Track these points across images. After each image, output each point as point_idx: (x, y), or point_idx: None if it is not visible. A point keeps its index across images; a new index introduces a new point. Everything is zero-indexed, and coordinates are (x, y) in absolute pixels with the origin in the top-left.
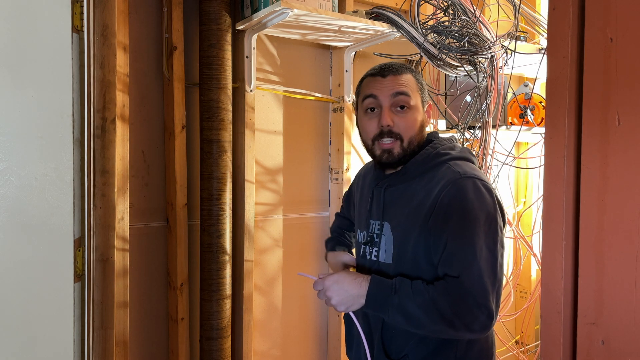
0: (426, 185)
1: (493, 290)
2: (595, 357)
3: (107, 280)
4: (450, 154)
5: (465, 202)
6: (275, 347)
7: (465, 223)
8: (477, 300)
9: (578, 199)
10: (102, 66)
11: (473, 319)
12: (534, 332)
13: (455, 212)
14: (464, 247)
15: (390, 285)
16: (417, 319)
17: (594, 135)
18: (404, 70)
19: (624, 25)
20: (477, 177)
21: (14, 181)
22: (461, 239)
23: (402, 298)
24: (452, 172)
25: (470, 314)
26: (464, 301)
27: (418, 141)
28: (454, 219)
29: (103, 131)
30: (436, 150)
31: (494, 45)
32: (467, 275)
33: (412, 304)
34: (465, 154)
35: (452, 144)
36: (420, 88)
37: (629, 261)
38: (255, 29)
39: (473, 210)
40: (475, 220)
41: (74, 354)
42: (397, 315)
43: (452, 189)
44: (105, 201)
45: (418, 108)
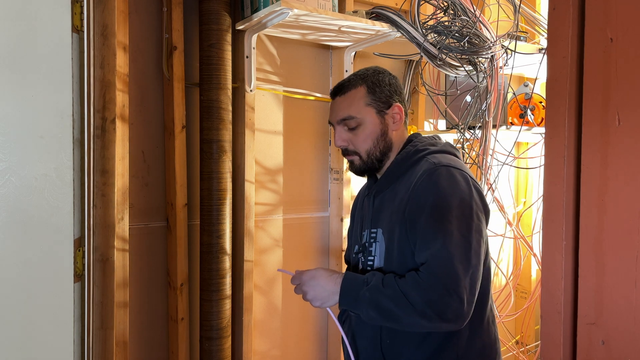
0: (406, 182)
1: (465, 276)
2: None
3: (107, 280)
4: (428, 149)
5: (437, 189)
6: (275, 347)
7: (436, 210)
8: (447, 287)
9: (578, 199)
10: (102, 66)
11: (444, 306)
12: (534, 332)
13: (427, 199)
14: (434, 233)
15: (362, 280)
16: (390, 311)
17: (594, 135)
18: (352, 86)
19: (624, 25)
20: (452, 166)
21: (14, 181)
22: (432, 226)
23: (373, 292)
24: (427, 164)
25: (441, 301)
26: (433, 289)
27: (380, 150)
28: (426, 207)
29: (103, 131)
30: (415, 148)
31: (494, 45)
32: (436, 261)
33: (382, 297)
34: (445, 147)
35: (433, 141)
36: (374, 98)
37: (629, 261)
38: (255, 29)
39: (445, 197)
40: (446, 206)
41: (74, 354)
42: (370, 310)
43: (426, 179)
44: (105, 201)
45: (369, 121)
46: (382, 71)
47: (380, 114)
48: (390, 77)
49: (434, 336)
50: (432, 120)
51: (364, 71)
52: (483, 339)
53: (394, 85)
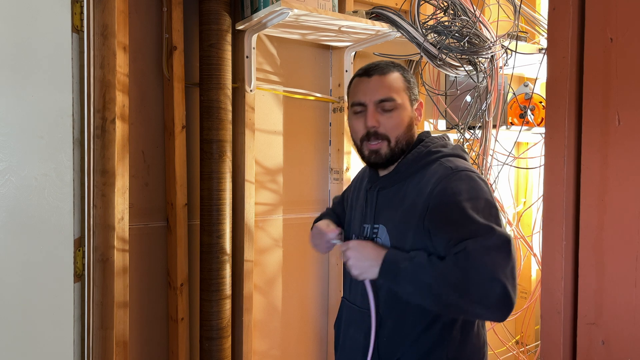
0: (417, 184)
1: (507, 265)
2: (595, 357)
3: (107, 280)
4: (441, 151)
5: (460, 193)
6: (275, 347)
7: (464, 211)
8: (489, 272)
9: (578, 199)
10: (102, 66)
11: (487, 290)
12: (534, 332)
13: (451, 204)
14: (468, 229)
15: (405, 255)
16: (429, 287)
17: (594, 135)
18: (390, 69)
19: (624, 25)
20: (470, 170)
21: (14, 181)
22: (463, 225)
23: (416, 266)
24: (444, 169)
25: (483, 286)
26: (476, 272)
27: (406, 140)
28: (452, 211)
29: (103, 131)
30: (427, 149)
31: (494, 45)
32: (475, 249)
33: (424, 273)
34: (457, 150)
35: (444, 142)
36: (409, 87)
37: (629, 261)
38: (255, 29)
39: (470, 200)
40: (474, 207)
41: (74, 354)
42: (408, 284)
43: (446, 184)
44: (105, 201)
45: (405, 107)
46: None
47: (411, 104)
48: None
49: (428, 335)
50: (432, 120)
51: (388, 61)
52: (473, 342)
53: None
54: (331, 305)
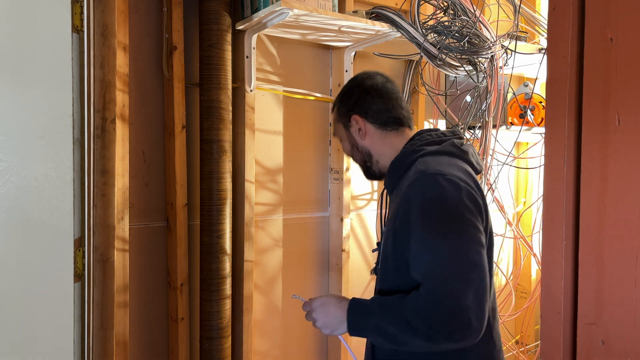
0: (399, 188)
1: (467, 291)
2: (595, 357)
3: (107, 280)
4: (424, 149)
5: (423, 202)
6: (275, 347)
7: (424, 224)
8: (448, 308)
9: (578, 199)
10: (102, 66)
11: (451, 328)
12: (534, 332)
13: (414, 213)
14: (425, 251)
15: (366, 308)
16: (396, 337)
17: (594, 135)
18: (335, 104)
19: (624, 25)
20: (440, 173)
21: (14, 181)
22: (422, 243)
23: (377, 319)
24: (415, 172)
25: (445, 324)
26: (435, 313)
27: (360, 160)
28: (413, 221)
29: (103, 131)
30: (412, 148)
31: (494, 45)
32: (432, 284)
33: (387, 324)
34: (444, 148)
35: (437, 139)
36: (338, 115)
37: (629, 261)
38: (255, 29)
39: (432, 209)
40: (435, 220)
41: (74, 354)
42: (378, 337)
43: (413, 190)
44: (105, 201)
45: (344, 137)
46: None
47: (347, 128)
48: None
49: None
50: (432, 120)
51: (349, 82)
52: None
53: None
54: None
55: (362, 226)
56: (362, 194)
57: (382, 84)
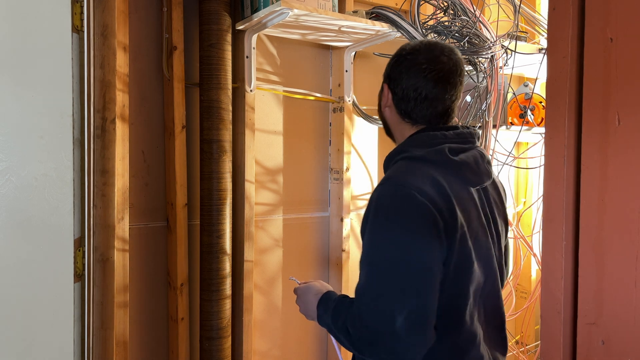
0: None
1: (397, 316)
2: (595, 357)
3: (107, 280)
4: (409, 150)
5: (375, 210)
6: (275, 347)
7: (370, 233)
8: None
9: (578, 199)
10: (102, 66)
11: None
12: (534, 332)
13: (370, 219)
14: (363, 265)
15: (327, 305)
16: (341, 340)
17: (594, 135)
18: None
19: (624, 25)
20: (401, 184)
21: (14, 181)
22: (363, 252)
23: (329, 319)
24: (385, 176)
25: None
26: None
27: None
28: (367, 227)
29: (103, 131)
30: (402, 147)
31: (494, 45)
32: (364, 300)
33: (334, 326)
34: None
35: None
36: (386, 68)
37: (629, 261)
38: (255, 29)
39: (380, 220)
40: (380, 231)
41: (74, 354)
42: (335, 335)
43: (373, 195)
44: (105, 201)
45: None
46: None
47: (382, 85)
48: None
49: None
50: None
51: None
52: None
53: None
54: None
55: None
56: (362, 194)
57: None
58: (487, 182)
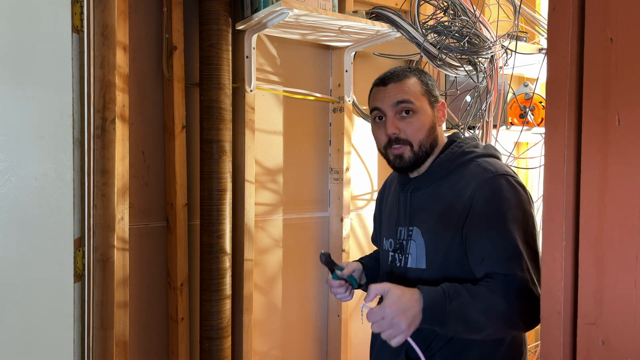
0: (454, 186)
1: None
2: (595, 357)
3: (107, 280)
4: (475, 151)
5: (502, 202)
6: (275, 347)
7: (505, 223)
8: (532, 294)
9: (578, 199)
10: (102, 66)
11: (532, 313)
12: (534, 332)
13: (493, 213)
14: (509, 246)
15: (442, 294)
16: (478, 324)
17: (594, 135)
18: (406, 74)
19: (624, 25)
20: (509, 174)
21: (14, 181)
22: (504, 239)
23: (461, 305)
24: (482, 171)
25: (529, 309)
26: (522, 298)
27: (430, 143)
28: (493, 220)
29: (103, 131)
30: (461, 149)
31: (494, 45)
32: (519, 272)
33: (473, 309)
34: (490, 150)
35: (476, 142)
36: (427, 89)
37: (629, 261)
38: (255, 29)
39: (510, 210)
40: (514, 219)
41: (74, 354)
42: (458, 324)
43: (487, 189)
44: (105, 201)
45: (424, 110)
46: (422, 70)
47: (432, 106)
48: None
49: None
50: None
51: (404, 67)
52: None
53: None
54: (331, 305)
55: (362, 226)
56: (362, 194)
57: None
58: None
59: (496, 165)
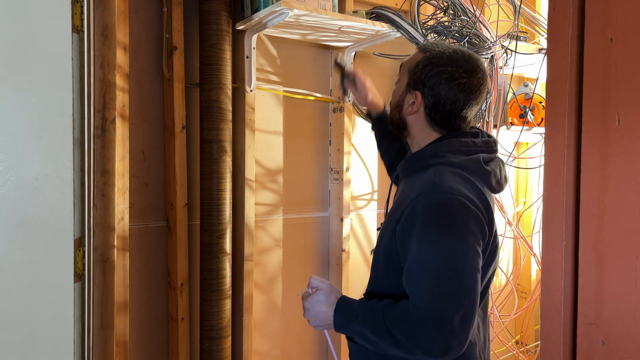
0: (412, 186)
1: (455, 315)
2: (595, 357)
3: (107, 280)
4: (446, 157)
5: (430, 217)
6: (275, 347)
7: (426, 240)
8: (433, 329)
9: (578, 199)
10: (102, 66)
11: (431, 345)
12: (534, 332)
13: (418, 225)
14: (422, 267)
15: (352, 312)
16: (377, 344)
17: (594, 135)
18: (426, 50)
19: (624, 25)
20: (453, 192)
21: (14, 181)
22: (419, 258)
23: (361, 326)
24: (428, 180)
25: (427, 343)
26: (419, 331)
27: (397, 121)
28: (416, 233)
29: (103, 131)
30: (435, 151)
31: (494, 45)
32: (422, 301)
33: (370, 332)
34: (467, 163)
35: (464, 147)
36: (413, 71)
37: (629, 261)
38: (255, 29)
39: (436, 226)
40: (438, 237)
41: (74, 354)
42: (361, 340)
43: (421, 201)
44: (105, 201)
45: (400, 85)
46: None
47: (407, 88)
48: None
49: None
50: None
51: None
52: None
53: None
54: None
55: (362, 226)
56: (362, 194)
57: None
58: (504, 189)
59: (445, 179)
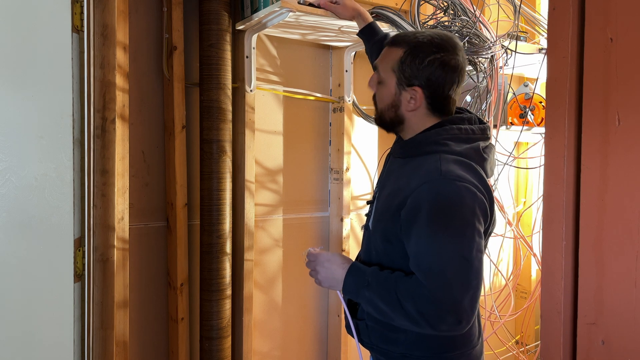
0: (413, 171)
1: (465, 295)
2: (595, 357)
3: (107, 280)
4: (448, 144)
5: (439, 204)
6: (275, 347)
7: (436, 226)
8: (445, 308)
9: (578, 199)
10: (102, 66)
11: (441, 323)
12: (534, 332)
13: (427, 212)
14: (434, 253)
15: (364, 279)
16: (385, 313)
17: (594, 135)
18: (399, 43)
19: (624, 25)
20: (460, 179)
21: (14, 181)
22: (432, 244)
23: (372, 293)
24: (435, 169)
25: (437, 319)
26: (431, 307)
27: (391, 118)
28: (425, 220)
29: (103, 131)
30: (435, 137)
31: (494, 45)
32: (435, 285)
33: (380, 300)
34: (468, 152)
35: (463, 135)
36: (400, 68)
37: (629, 261)
38: (255, 29)
39: (446, 213)
40: (447, 223)
41: (74, 354)
42: (369, 307)
43: (429, 188)
44: (105, 201)
45: (386, 85)
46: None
47: (399, 87)
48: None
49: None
50: None
51: (423, 36)
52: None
53: (432, 68)
54: (331, 305)
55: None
56: (362, 194)
57: (462, 68)
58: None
59: (451, 167)
